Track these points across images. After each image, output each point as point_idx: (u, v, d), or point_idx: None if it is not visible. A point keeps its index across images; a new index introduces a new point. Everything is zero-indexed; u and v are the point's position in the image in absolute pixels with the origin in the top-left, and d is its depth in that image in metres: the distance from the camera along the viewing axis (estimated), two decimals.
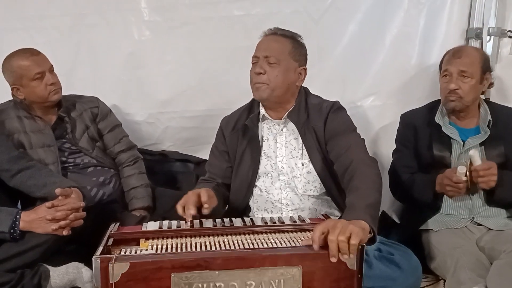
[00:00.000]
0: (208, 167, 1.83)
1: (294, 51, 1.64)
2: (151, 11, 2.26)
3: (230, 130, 1.75)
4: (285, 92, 1.64)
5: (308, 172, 1.66)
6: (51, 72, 1.92)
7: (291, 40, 1.65)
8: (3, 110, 1.95)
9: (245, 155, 1.72)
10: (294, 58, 1.64)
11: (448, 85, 1.82)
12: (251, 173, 1.70)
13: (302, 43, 1.69)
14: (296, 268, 1.18)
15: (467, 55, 1.84)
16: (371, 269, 1.43)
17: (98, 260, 1.15)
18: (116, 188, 2.03)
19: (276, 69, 1.60)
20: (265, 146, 1.72)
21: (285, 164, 1.69)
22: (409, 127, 1.96)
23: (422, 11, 2.21)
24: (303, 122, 1.65)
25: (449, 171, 1.74)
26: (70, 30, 2.28)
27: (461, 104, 1.82)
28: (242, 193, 1.72)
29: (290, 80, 1.64)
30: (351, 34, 2.26)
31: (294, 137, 1.69)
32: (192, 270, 1.16)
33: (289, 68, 1.62)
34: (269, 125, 1.72)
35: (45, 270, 1.60)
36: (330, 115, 1.65)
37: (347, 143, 1.57)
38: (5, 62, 1.89)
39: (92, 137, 2.04)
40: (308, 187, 1.67)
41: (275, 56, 1.60)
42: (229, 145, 1.75)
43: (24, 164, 1.78)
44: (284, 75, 1.61)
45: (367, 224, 1.24)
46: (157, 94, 2.34)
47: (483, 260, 1.61)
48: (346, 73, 2.29)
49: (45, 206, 1.57)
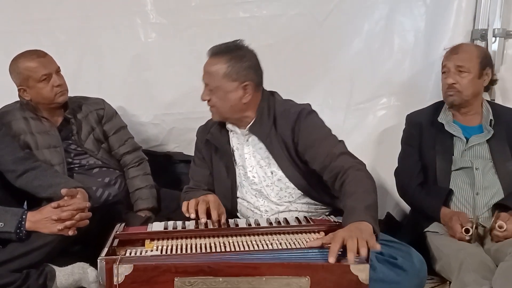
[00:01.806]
0: (191, 174, 1.80)
1: (230, 71, 1.55)
2: (157, 13, 2.27)
3: (204, 142, 1.74)
4: (233, 112, 1.61)
5: (279, 180, 1.63)
6: (57, 73, 1.93)
7: (226, 59, 1.56)
8: (10, 111, 1.96)
9: (220, 167, 1.70)
10: (231, 79, 1.57)
11: (447, 80, 1.86)
12: (229, 183, 1.68)
13: (241, 56, 1.58)
14: (304, 278, 1.14)
15: (464, 50, 1.86)
16: (375, 273, 1.41)
17: (103, 261, 1.16)
18: (121, 189, 2.04)
19: (215, 95, 1.58)
20: (236, 157, 1.69)
21: (256, 174, 1.66)
22: (414, 126, 1.96)
23: (427, 12, 2.21)
24: (268, 132, 1.61)
25: (456, 222, 1.70)
26: (77, 33, 2.30)
27: (460, 98, 1.84)
28: (228, 203, 1.69)
29: (232, 101, 1.59)
30: (356, 36, 2.26)
31: (259, 147, 1.65)
32: (195, 276, 1.14)
33: (227, 90, 1.57)
34: (237, 135, 1.69)
35: (50, 270, 1.61)
36: (300, 123, 1.58)
37: (327, 150, 1.52)
38: (12, 64, 1.91)
39: (98, 139, 2.04)
40: (282, 194, 1.64)
41: (211, 84, 1.58)
42: (205, 155, 1.74)
43: (30, 165, 1.79)
44: (224, 99, 1.58)
45: (370, 225, 1.24)
46: (162, 96, 2.35)
47: (488, 262, 1.59)
48: (351, 75, 2.29)
49: (51, 206, 1.58)
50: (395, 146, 2.07)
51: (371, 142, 2.29)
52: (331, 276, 1.14)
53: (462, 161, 1.83)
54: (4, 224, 1.56)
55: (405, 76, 2.27)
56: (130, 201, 2.04)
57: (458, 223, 1.70)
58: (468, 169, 1.82)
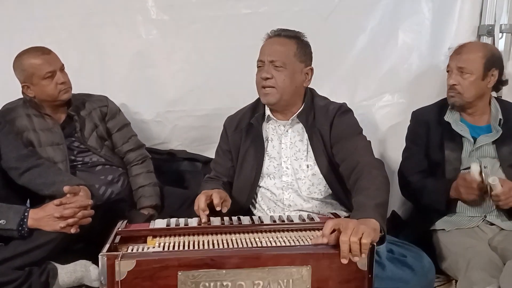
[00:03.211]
0: (213, 165, 1.83)
1: (299, 52, 1.61)
2: (158, 10, 2.26)
3: (233, 130, 1.74)
4: (293, 95, 1.63)
5: (313, 175, 1.65)
6: (62, 71, 1.92)
7: (295, 41, 1.62)
8: (13, 109, 1.96)
9: (248, 155, 1.70)
10: (300, 59, 1.61)
11: (448, 80, 1.84)
12: (254, 173, 1.69)
13: (306, 42, 1.66)
14: (305, 268, 1.16)
15: (468, 51, 1.82)
16: (384, 271, 1.41)
17: (105, 257, 1.15)
18: (124, 187, 2.03)
19: (282, 73, 1.58)
20: (269, 147, 1.70)
21: (290, 165, 1.67)
22: (421, 124, 1.93)
23: (433, 8, 2.19)
24: (310, 124, 1.64)
25: (463, 172, 1.71)
26: (79, 30, 2.29)
27: (461, 100, 1.81)
28: (245, 193, 1.71)
29: (297, 83, 1.62)
30: (361, 32, 2.24)
31: (299, 139, 1.67)
32: (199, 269, 1.15)
33: (296, 70, 1.61)
34: (274, 126, 1.71)
35: (53, 268, 1.61)
36: (336, 118, 1.63)
37: (353, 145, 1.56)
38: (16, 60, 1.90)
39: (101, 136, 2.04)
40: (313, 189, 1.66)
41: (281, 60, 1.58)
42: (232, 144, 1.74)
43: (33, 162, 1.79)
44: (291, 78, 1.59)
45: (377, 223, 1.23)
46: (165, 93, 2.34)
47: (495, 260, 1.58)
48: (356, 72, 2.28)
49: (53, 204, 1.58)
50: (399, 143, 2.05)
51: (375, 139, 2.27)
52: (331, 264, 1.17)
53: (470, 161, 1.80)
54: (6, 222, 1.56)
55: (410, 72, 2.25)
56: (133, 198, 2.04)
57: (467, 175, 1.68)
58: None
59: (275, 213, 1.67)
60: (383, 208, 1.32)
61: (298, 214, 1.58)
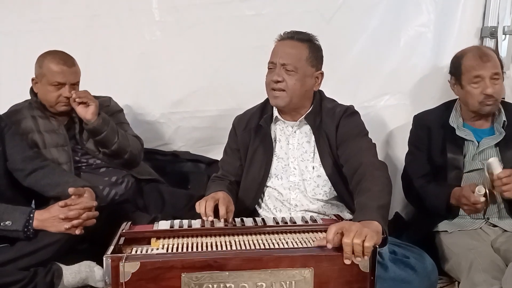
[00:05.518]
0: (221, 164, 1.83)
1: (311, 56, 1.61)
2: (162, 11, 2.27)
3: (242, 129, 1.75)
4: (302, 98, 1.64)
5: (318, 176, 1.65)
6: (72, 86, 1.91)
7: (308, 45, 1.62)
8: (19, 110, 1.98)
9: (256, 155, 1.71)
10: (311, 64, 1.61)
11: (484, 89, 1.75)
12: (262, 173, 1.70)
13: (318, 45, 1.66)
14: (308, 270, 1.17)
15: (493, 56, 1.79)
16: (387, 272, 1.41)
17: (109, 259, 1.16)
18: (128, 188, 2.04)
19: (293, 77, 1.58)
20: (277, 147, 1.71)
21: (297, 166, 1.68)
22: (422, 128, 1.92)
23: (436, 9, 2.19)
24: (317, 126, 1.65)
25: (467, 189, 1.66)
26: (83, 31, 2.31)
27: (496, 106, 1.81)
28: (252, 192, 1.72)
29: (307, 87, 1.63)
30: (364, 34, 2.24)
31: (306, 140, 1.68)
32: (202, 271, 1.16)
33: (306, 74, 1.61)
34: (281, 127, 1.72)
35: (57, 269, 1.62)
36: (342, 120, 1.63)
37: (357, 146, 1.56)
38: (41, 56, 1.92)
39: None
40: (318, 190, 1.66)
41: (293, 64, 1.58)
42: (241, 143, 1.75)
43: (38, 164, 1.80)
44: (302, 82, 1.59)
45: (380, 226, 1.23)
46: (168, 94, 2.35)
47: (498, 262, 1.58)
48: (359, 73, 2.28)
49: (58, 205, 1.59)
50: (401, 144, 2.05)
51: (377, 140, 2.26)
52: (333, 266, 1.18)
53: (473, 164, 1.80)
54: (12, 223, 1.57)
55: (412, 74, 2.25)
56: (137, 200, 2.04)
57: (470, 190, 1.65)
58: (480, 170, 1.78)
59: (281, 213, 1.68)
60: (385, 210, 1.33)
61: (303, 214, 1.60)
